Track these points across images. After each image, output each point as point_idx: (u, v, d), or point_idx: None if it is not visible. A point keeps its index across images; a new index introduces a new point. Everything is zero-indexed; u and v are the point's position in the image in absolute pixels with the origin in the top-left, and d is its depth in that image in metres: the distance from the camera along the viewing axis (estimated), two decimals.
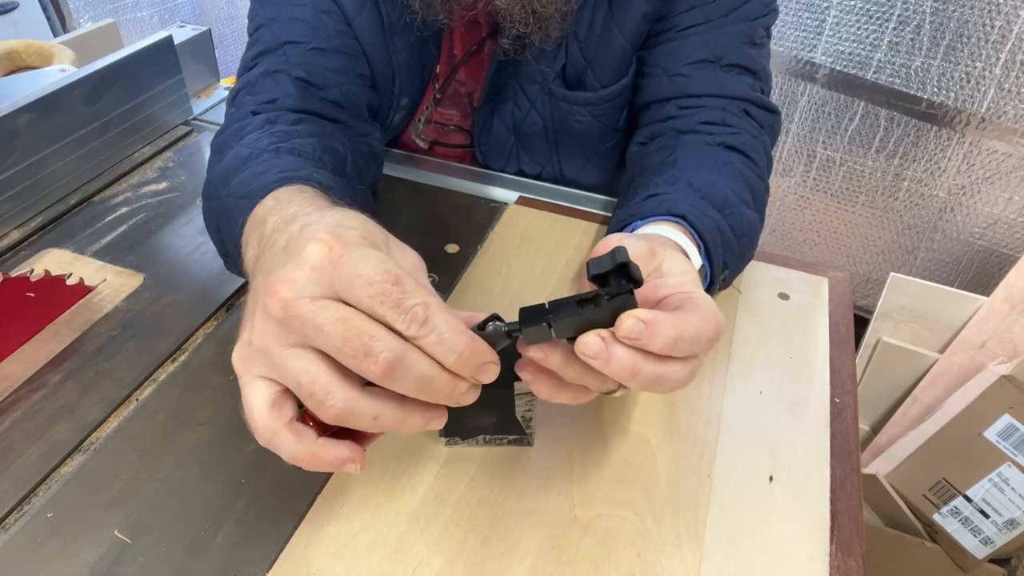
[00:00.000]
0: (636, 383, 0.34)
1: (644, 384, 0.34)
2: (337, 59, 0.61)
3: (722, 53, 0.62)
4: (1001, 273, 1.31)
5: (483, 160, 0.74)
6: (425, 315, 0.30)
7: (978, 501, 1.15)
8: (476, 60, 0.69)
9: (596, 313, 0.33)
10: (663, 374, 0.34)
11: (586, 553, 0.40)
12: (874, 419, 1.35)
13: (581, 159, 0.72)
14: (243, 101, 0.58)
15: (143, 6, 1.79)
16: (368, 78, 0.65)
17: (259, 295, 0.33)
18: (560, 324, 0.33)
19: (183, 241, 0.62)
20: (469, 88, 0.71)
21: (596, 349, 0.33)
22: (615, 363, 0.33)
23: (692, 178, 0.53)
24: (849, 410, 0.50)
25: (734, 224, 0.51)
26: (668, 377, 0.34)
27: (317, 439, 0.33)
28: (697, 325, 0.34)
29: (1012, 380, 1.10)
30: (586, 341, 0.33)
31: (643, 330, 0.32)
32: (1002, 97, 1.33)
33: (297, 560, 0.39)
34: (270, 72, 0.59)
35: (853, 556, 0.41)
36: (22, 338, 0.51)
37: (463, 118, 0.73)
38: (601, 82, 0.65)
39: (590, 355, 0.33)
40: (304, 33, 0.61)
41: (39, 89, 0.63)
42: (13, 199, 0.62)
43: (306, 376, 0.31)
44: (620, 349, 0.33)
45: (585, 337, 0.33)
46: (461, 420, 0.44)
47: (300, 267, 0.31)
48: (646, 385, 0.34)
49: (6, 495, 0.42)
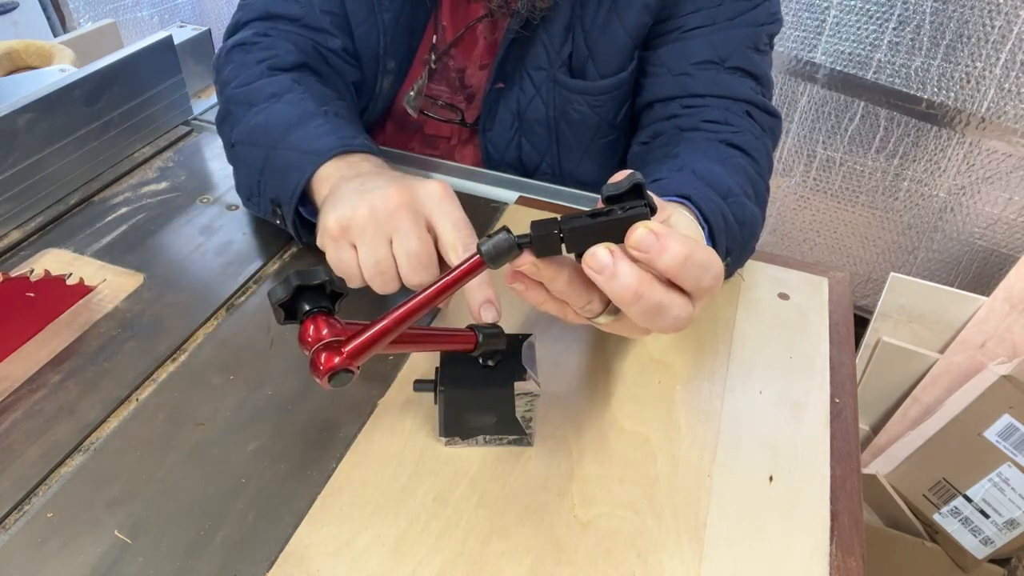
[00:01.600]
0: (637, 307, 0.33)
1: (644, 311, 0.33)
2: (324, 38, 0.66)
3: (726, 55, 0.62)
4: (1001, 273, 1.31)
5: (484, 144, 0.73)
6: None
7: (978, 501, 1.15)
8: (470, 38, 0.70)
9: (608, 225, 0.32)
10: (664, 304, 0.33)
11: (586, 553, 0.40)
12: (874, 419, 1.35)
13: (579, 152, 0.72)
14: (246, 59, 0.63)
15: (143, 6, 1.79)
16: (353, 55, 0.68)
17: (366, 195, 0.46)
18: (571, 235, 0.32)
19: (183, 241, 0.62)
20: (460, 64, 0.71)
21: (603, 262, 0.32)
22: (619, 280, 0.32)
23: (696, 167, 0.53)
24: (849, 410, 0.50)
25: (736, 212, 0.51)
26: (669, 309, 0.33)
27: None
28: (707, 255, 0.34)
29: (1012, 380, 1.10)
30: (594, 252, 0.32)
31: (654, 243, 0.32)
32: (1002, 97, 1.33)
33: (297, 560, 0.39)
34: (264, 34, 0.64)
35: (853, 556, 0.41)
36: (22, 338, 0.51)
37: (452, 93, 0.73)
38: (600, 73, 0.66)
39: (596, 268, 0.32)
40: (293, 9, 0.66)
41: (39, 89, 0.63)
42: (13, 199, 0.62)
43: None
44: (626, 266, 0.32)
45: (595, 248, 0.32)
46: (461, 420, 0.44)
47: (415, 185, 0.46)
48: (645, 313, 0.33)
49: (6, 495, 0.42)
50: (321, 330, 0.36)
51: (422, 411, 0.47)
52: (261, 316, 0.55)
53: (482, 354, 0.42)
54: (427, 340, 0.41)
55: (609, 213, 0.32)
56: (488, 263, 0.34)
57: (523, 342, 0.44)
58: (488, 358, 0.43)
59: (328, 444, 0.45)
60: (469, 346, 0.41)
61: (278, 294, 0.36)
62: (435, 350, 0.42)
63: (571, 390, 0.49)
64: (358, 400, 0.48)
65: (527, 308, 0.56)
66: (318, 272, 0.36)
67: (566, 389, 0.49)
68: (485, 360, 0.43)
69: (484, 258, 0.34)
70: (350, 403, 0.48)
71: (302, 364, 0.51)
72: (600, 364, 0.51)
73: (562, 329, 0.54)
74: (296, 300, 0.36)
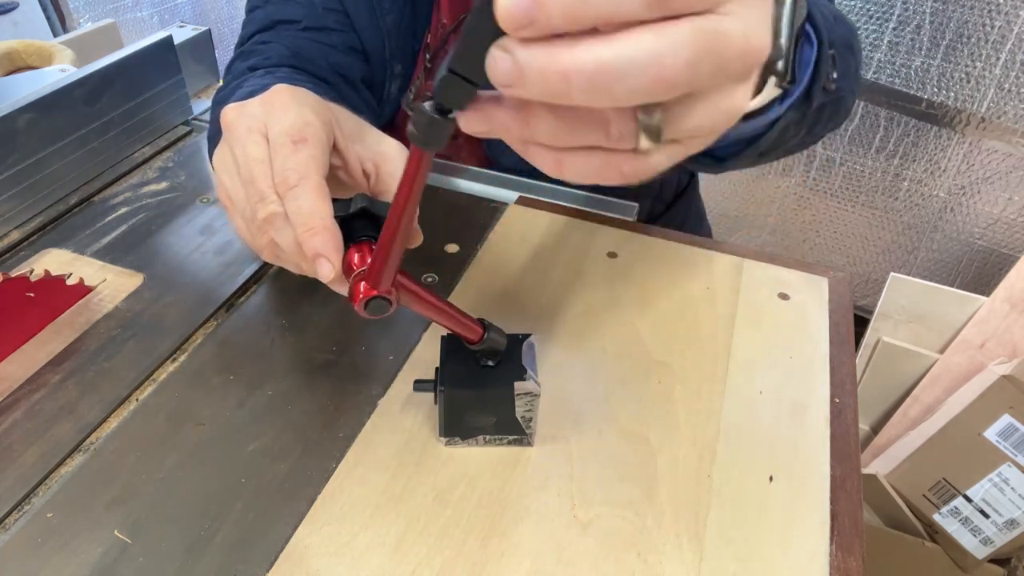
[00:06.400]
0: (584, 93, 0.22)
1: (595, 90, 0.22)
2: (326, 35, 0.65)
3: None
4: (1001, 273, 1.31)
5: (486, 143, 0.73)
6: (295, 182, 0.35)
7: (978, 501, 1.15)
8: None
9: (474, 21, 0.23)
10: (616, 59, 0.21)
11: (586, 553, 0.40)
12: (874, 419, 1.35)
13: None
14: (239, 67, 0.61)
15: (143, 6, 1.79)
16: (360, 52, 0.66)
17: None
18: (456, 58, 0.24)
19: (183, 241, 0.62)
20: None
21: (505, 67, 0.22)
22: (530, 72, 0.22)
23: None
24: (849, 410, 0.50)
25: (830, 15, 0.43)
26: (631, 63, 0.21)
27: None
28: None
29: (1012, 380, 1.10)
30: (490, 65, 0.23)
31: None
32: (1002, 97, 1.33)
33: (297, 560, 0.39)
34: (262, 42, 0.63)
35: (853, 556, 0.41)
36: (22, 338, 0.51)
37: None
38: None
39: (504, 81, 0.23)
40: (295, 12, 0.64)
41: (39, 89, 0.63)
42: (13, 199, 0.62)
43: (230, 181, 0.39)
44: (527, 50, 0.22)
45: (488, 60, 0.23)
46: (461, 420, 0.44)
47: (255, 102, 0.38)
48: (598, 91, 0.22)
49: (6, 495, 0.42)
50: (367, 258, 0.37)
51: (422, 411, 0.47)
52: (261, 316, 0.55)
53: (482, 353, 0.42)
54: (441, 310, 0.41)
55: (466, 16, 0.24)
56: (424, 146, 0.28)
57: (523, 342, 0.44)
58: (488, 358, 0.43)
59: (328, 444, 0.45)
60: (474, 337, 0.41)
61: (341, 208, 0.36)
62: (444, 324, 0.41)
63: (571, 390, 0.49)
64: (358, 400, 0.48)
65: (526, 308, 0.56)
66: (386, 205, 0.37)
67: (566, 389, 0.49)
68: (485, 360, 0.43)
69: (418, 143, 0.28)
70: (350, 403, 0.48)
71: (302, 364, 0.51)
72: (600, 364, 0.51)
73: (562, 329, 0.54)
74: (353, 221, 0.37)
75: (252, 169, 0.36)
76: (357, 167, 0.42)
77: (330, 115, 0.40)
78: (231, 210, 0.40)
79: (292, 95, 0.39)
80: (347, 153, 0.41)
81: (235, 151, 0.38)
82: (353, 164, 0.42)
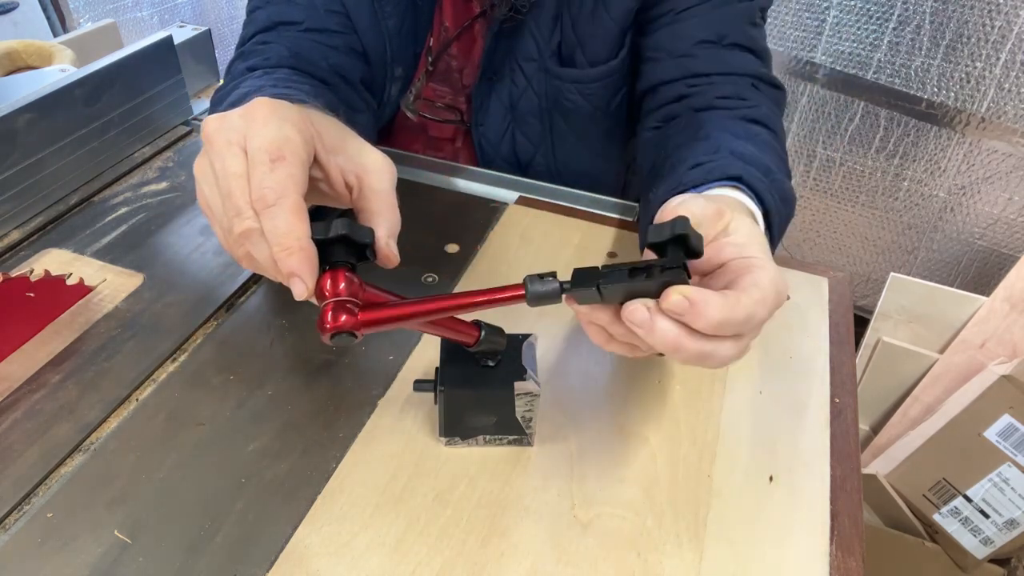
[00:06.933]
0: (679, 357, 0.34)
1: (687, 360, 0.34)
2: (327, 37, 0.64)
3: (724, 33, 0.61)
4: (1001, 273, 1.31)
5: (478, 139, 0.73)
6: (273, 202, 0.35)
7: (978, 501, 1.15)
8: (468, 37, 0.69)
9: (645, 285, 0.33)
10: (708, 351, 0.33)
11: (586, 553, 0.40)
12: (874, 419, 1.35)
13: (573, 141, 0.72)
14: (238, 67, 0.61)
15: (143, 6, 1.79)
16: (361, 53, 0.66)
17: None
18: (609, 290, 0.34)
19: (183, 241, 0.62)
20: (461, 64, 0.71)
21: (641, 318, 0.33)
22: (658, 335, 0.33)
23: (731, 148, 0.51)
24: (849, 410, 0.50)
25: (777, 190, 0.49)
26: (714, 355, 0.34)
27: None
28: (749, 307, 0.33)
29: (1012, 380, 1.10)
30: (631, 308, 0.33)
31: (687, 308, 0.32)
32: (1002, 97, 1.33)
33: (297, 560, 0.39)
34: (262, 43, 0.63)
35: (853, 556, 0.41)
36: (22, 338, 0.51)
37: (455, 95, 0.73)
38: (590, 60, 0.66)
39: (635, 323, 0.33)
40: (296, 13, 0.64)
41: (39, 89, 0.63)
42: (13, 199, 0.62)
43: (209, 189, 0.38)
44: (664, 322, 0.33)
45: (631, 304, 0.33)
46: (461, 420, 0.44)
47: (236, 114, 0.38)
48: (689, 360, 0.34)
49: (6, 495, 0.42)
50: (338, 285, 0.36)
51: (422, 411, 0.47)
52: (261, 316, 0.55)
53: (482, 353, 0.42)
54: (433, 321, 0.41)
55: (648, 271, 0.33)
56: (529, 301, 0.36)
57: (523, 342, 0.44)
58: (488, 358, 0.43)
59: (328, 444, 0.45)
60: (470, 340, 0.41)
61: (319, 231, 0.36)
62: (436, 334, 0.41)
63: (571, 390, 0.49)
64: (358, 400, 0.48)
65: (526, 308, 0.56)
66: (367, 231, 0.37)
67: (566, 389, 0.49)
68: (485, 360, 0.43)
69: (528, 296, 0.36)
70: (350, 403, 0.48)
71: (302, 364, 0.51)
72: (600, 364, 0.51)
73: (562, 329, 0.54)
74: (331, 245, 0.36)
75: (230, 183, 0.36)
76: (339, 179, 0.41)
77: (311, 130, 0.39)
78: (211, 218, 0.40)
79: (272, 109, 0.38)
80: (328, 166, 0.41)
81: (214, 164, 0.38)
82: (335, 177, 0.41)
